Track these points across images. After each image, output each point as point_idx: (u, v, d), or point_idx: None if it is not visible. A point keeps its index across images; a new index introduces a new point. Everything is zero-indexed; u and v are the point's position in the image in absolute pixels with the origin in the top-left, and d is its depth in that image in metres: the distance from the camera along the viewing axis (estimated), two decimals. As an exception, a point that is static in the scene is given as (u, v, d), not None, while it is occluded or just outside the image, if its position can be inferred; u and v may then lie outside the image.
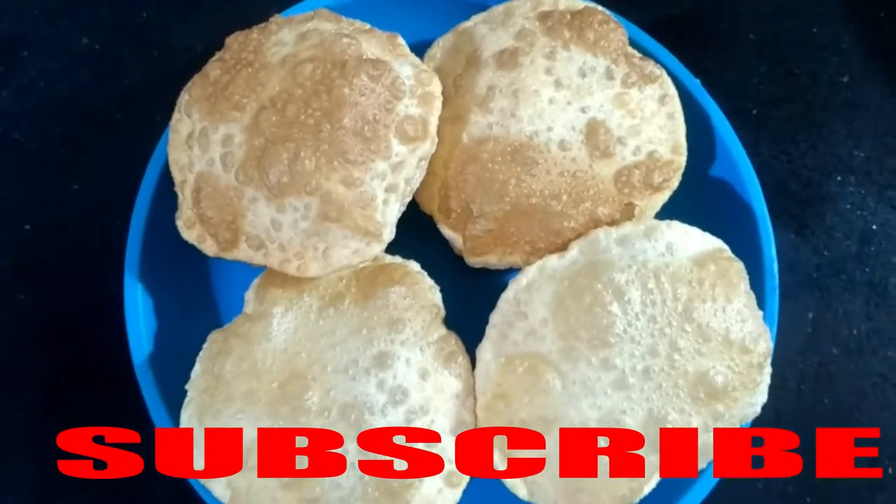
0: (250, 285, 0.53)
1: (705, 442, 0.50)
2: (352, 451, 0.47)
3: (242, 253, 0.51)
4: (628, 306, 0.49)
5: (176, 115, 0.54)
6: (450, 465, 0.49)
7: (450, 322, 0.53)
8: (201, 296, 0.58)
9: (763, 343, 0.50)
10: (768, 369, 0.52)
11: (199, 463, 0.48)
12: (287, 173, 0.48)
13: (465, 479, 0.50)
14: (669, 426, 0.48)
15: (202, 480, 0.49)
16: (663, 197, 0.55)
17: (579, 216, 0.52)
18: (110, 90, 0.66)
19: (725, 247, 0.52)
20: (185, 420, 0.49)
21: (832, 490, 0.59)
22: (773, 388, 0.57)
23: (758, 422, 0.55)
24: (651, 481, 0.51)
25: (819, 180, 0.64)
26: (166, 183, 0.55)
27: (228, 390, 0.48)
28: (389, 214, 0.50)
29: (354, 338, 0.49)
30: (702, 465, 0.51)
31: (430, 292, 0.52)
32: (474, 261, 0.55)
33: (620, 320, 0.48)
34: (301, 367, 0.48)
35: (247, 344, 0.49)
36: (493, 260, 0.54)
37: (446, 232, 0.55)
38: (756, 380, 0.50)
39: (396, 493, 0.47)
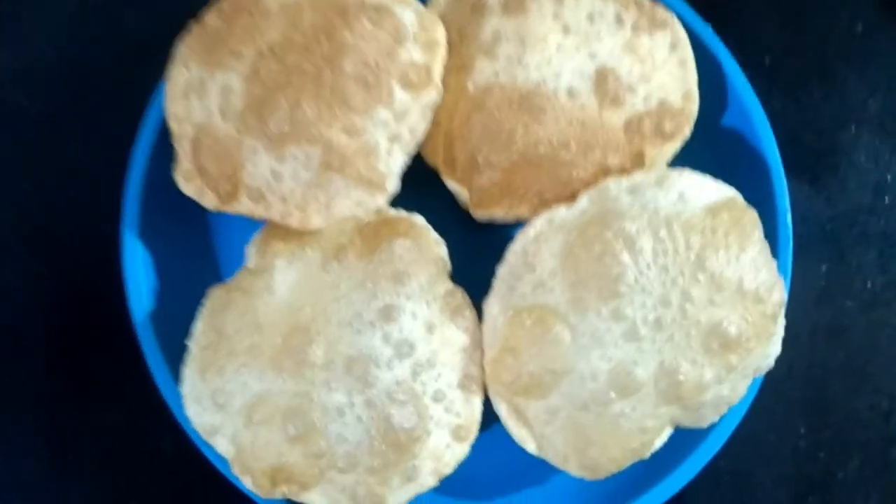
0: (251, 239, 0.52)
1: (718, 394, 0.49)
2: (358, 405, 0.46)
3: (243, 206, 0.50)
4: (639, 256, 0.47)
5: (172, 67, 0.52)
6: (457, 418, 0.49)
7: (456, 277, 0.52)
8: (202, 251, 0.57)
9: (777, 293, 0.49)
10: (782, 321, 0.50)
11: (201, 419, 0.48)
12: (287, 122, 0.46)
13: (474, 432, 0.49)
14: (681, 378, 0.47)
15: (205, 436, 0.48)
16: (675, 146, 0.53)
17: (588, 165, 0.51)
18: (109, 47, 0.65)
19: (739, 196, 0.51)
20: (187, 376, 0.48)
21: (844, 444, 0.58)
22: (786, 342, 0.56)
23: (769, 375, 0.54)
24: (663, 434, 0.50)
25: (832, 131, 0.63)
26: (164, 137, 0.53)
27: (231, 345, 0.47)
28: (394, 165, 0.49)
29: (359, 291, 0.48)
30: (714, 417, 0.50)
31: (436, 246, 0.51)
32: (480, 214, 0.54)
33: (631, 270, 0.47)
34: (304, 321, 0.47)
35: (249, 298, 0.48)
36: (499, 213, 0.53)
37: (451, 185, 0.54)
38: (770, 330, 0.49)
39: (403, 447, 0.46)
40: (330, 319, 0.47)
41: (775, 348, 0.50)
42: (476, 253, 0.52)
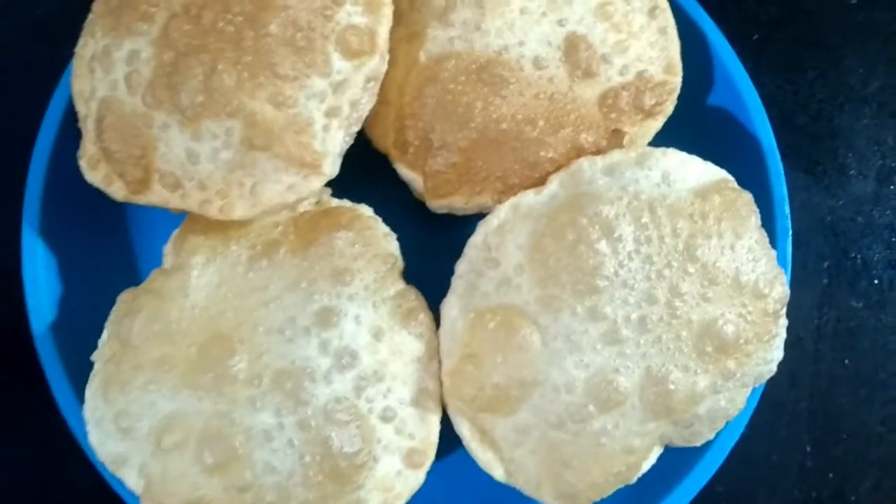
0: (170, 238, 0.44)
1: (714, 406, 0.42)
2: (289, 426, 0.39)
3: (156, 195, 0.42)
4: (619, 244, 0.40)
5: (81, 40, 0.45)
6: (410, 441, 0.41)
7: (410, 279, 0.45)
8: (116, 254, 0.50)
9: (779, 287, 0.42)
10: (784, 320, 0.44)
11: (105, 447, 0.40)
12: (202, 91, 0.39)
13: (430, 457, 0.42)
14: (672, 387, 0.40)
15: (112, 468, 0.40)
16: (656, 124, 0.47)
17: (559, 144, 0.44)
18: (20, 21, 0.57)
19: (730, 178, 0.44)
20: (90, 396, 0.41)
21: (856, 463, 0.52)
22: (788, 348, 0.49)
23: (770, 385, 0.47)
24: (650, 455, 0.43)
25: (829, 112, 0.57)
26: (73, 121, 0.46)
27: (137, 357, 0.40)
28: (331, 143, 0.42)
29: (292, 293, 0.41)
30: (709, 434, 0.43)
31: (385, 240, 0.44)
32: (437, 204, 0.47)
33: (610, 261, 0.40)
34: (226, 328, 0.40)
35: (159, 301, 0.41)
36: (458, 202, 0.46)
37: (404, 172, 0.47)
38: (771, 331, 0.42)
39: (345, 476, 0.39)
40: (257, 327, 0.40)
41: (777, 352, 0.44)
42: (433, 251, 0.45)
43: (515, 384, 0.41)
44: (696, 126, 0.50)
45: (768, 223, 0.47)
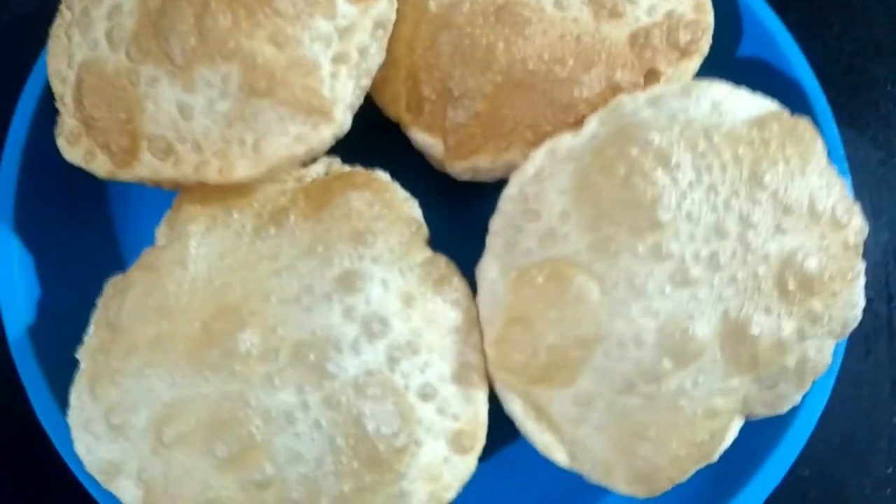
0: (162, 219, 0.39)
1: (802, 356, 0.36)
2: (314, 405, 0.32)
3: (145, 166, 0.37)
4: (677, 173, 0.36)
5: (57, 20, 0.41)
6: (456, 422, 0.35)
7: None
8: (101, 251, 0.44)
9: (857, 217, 0.38)
10: (863, 262, 0.39)
11: (94, 456, 0.33)
12: (194, 34, 0.35)
13: (480, 440, 0.36)
14: (756, 332, 0.35)
15: (104, 482, 0.34)
16: (693, 64, 0.43)
17: (593, 83, 0.40)
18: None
19: (783, 109, 0.40)
20: (75, 397, 0.34)
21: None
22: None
23: (848, 352, 0.42)
24: (732, 426, 0.37)
25: (861, 65, 0.53)
26: (48, 116, 0.41)
27: (129, 339, 0.34)
28: (341, 91, 0.37)
29: (307, 259, 0.35)
30: (795, 396, 0.37)
31: (406, 204, 0.39)
32: (460, 167, 0.42)
33: (670, 191, 0.35)
34: (233, 301, 0.34)
35: (153, 275, 0.35)
36: (484, 162, 0.41)
37: (419, 137, 0.42)
38: (854, 267, 0.37)
39: (384, 463, 0.32)
40: (268, 297, 0.34)
41: (861, 296, 0.38)
42: (456, 228, 0.40)
43: (574, 343, 0.35)
44: (731, 77, 0.46)
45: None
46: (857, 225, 0.37)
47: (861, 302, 0.38)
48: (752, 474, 0.39)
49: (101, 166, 0.38)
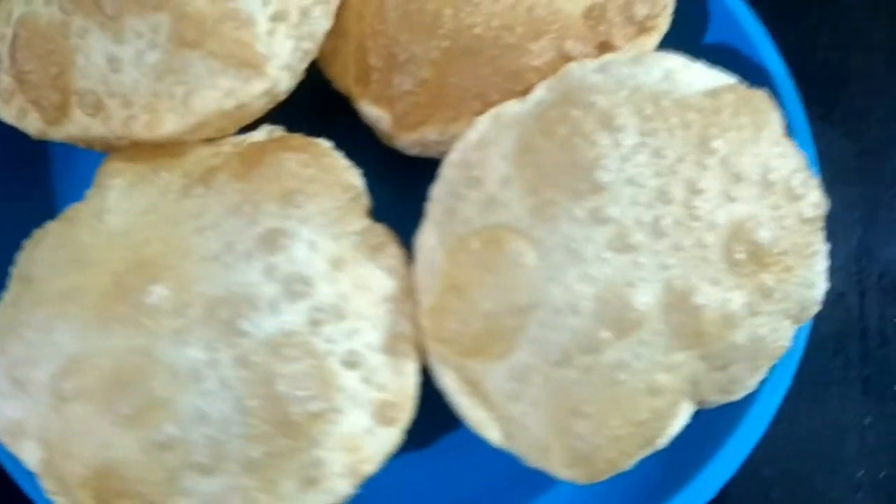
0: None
1: (753, 334, 0.34)
2: (223, 363, 0.31)
3: (75, 123, 0.36)
4: (620, 135, 0.34)
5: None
6: (382, 393, 0.33)
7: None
8: (42, 215, 0.42)
9: (815, 191, 0.36)
10: (824, 244, 0.37)
11: (-2, 415, 0.32)
12: (125, -17, 0.34)
13: (407, 412, 0.34)
14: (700, 301, 0.33)
15: (9, 445, 0.32)
16: (651, 41, 0.41)
17: (542, 52, 0.39)
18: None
19: (742, 83, 0.38)
20: (-18, 356, 0.33)
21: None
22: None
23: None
24: (680, 412, 0.35)
25: (838, 60, 0.52)
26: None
27: (39, 291, 0.32)
28: (278, 49, 0.36)
29: (232, 218, 0.34)
30: (750, 381, 0.35)
31: (347, 171, 0.37)
32: (407, 139, 0.40)
33: (612, 153, 0.34)
34: (150, 256, 0.33)
35: (69, 226, 0.34)
36: (432, 134, 0.40)
37: (368, 110, 0.41)
38: (811, 243, 0.35)
39: (298, 428, 0.30)
40: (188, 254, 0.33)
41: (821, 278, 0.36)
42: (408, 205, 0.38)
43: (509, 310, 0.33)
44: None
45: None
46: (814, 198, 0.35)
47: (821, 284, 0.36)
48: (703, 466, 0.36)
49: (32, 124, 0.37)
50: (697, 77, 0.37)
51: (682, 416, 0.35)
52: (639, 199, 0.33)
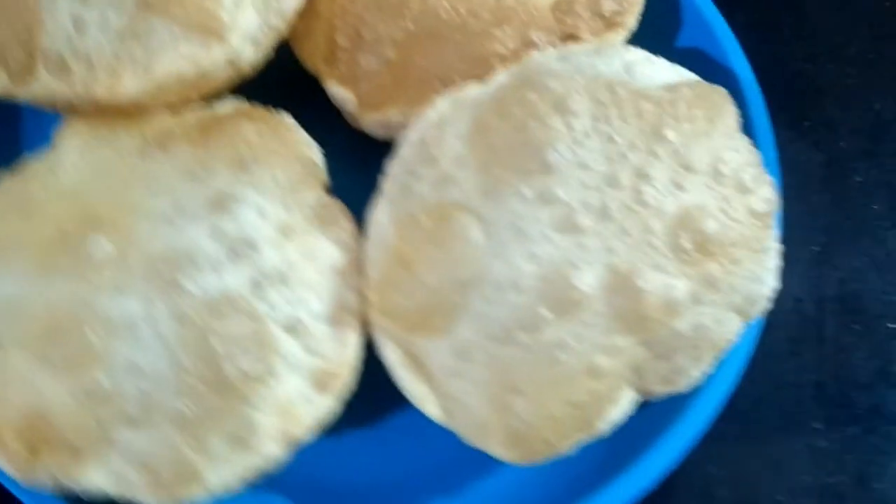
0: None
1: (697, 323, 0.34)
2: (161, 317, 0.31)
3: (40, 84, 0.36)
4: (574, 120, 0.34)
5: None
6: (321, 361, 0.33)
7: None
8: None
9: (767, 187, 0.36)
10: (776, 242, 0.37)
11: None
12: (93, -56, 0.34)
13: (344, 382, 0.34)
14: (642, 286, 0.33)
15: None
16: (618, 38, 0.42)
17: (507, 39, 0.39)
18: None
19: (703, 82, 0.39)
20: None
21: (880, 445, 0.43)
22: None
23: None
24: (621, 399, 0.35)
25: (812, 71, 0.52)
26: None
27: (-16, 239, 0.32)
28: (242, 20, 0.36)
29: (185, 181, 0.34)
30: (694, 372, 0.35)
31: (306, 146, 0.38)
32: (371, 119, 0.41)
33: (563, 137, 0.34)
34: (98, 211, 0.33)
35: (20, 179, 0.34)
36: (396, 116, 0.40)
37: (335, 91, 0.42)
38: (761, 239, 0.35)
39: (232, 388, 0.30)
40: (136, 212, 0.33)
41: (770, 275, 0.36)
42: (369, 188, 0.38)
43: (453, 285, 0.33)
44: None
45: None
46: (765, 193, 0.36)
47: (770, 280, 0.36)
48: (642, 455, 0.36)
49: (-1, 82, 0.38)
50: (658, 72, 0.38)
51: (623, 404, 0.35)
52: (587, 183, 0.33)
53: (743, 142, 0.36)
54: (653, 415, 0.37)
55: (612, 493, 0.35)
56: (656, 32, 0.44)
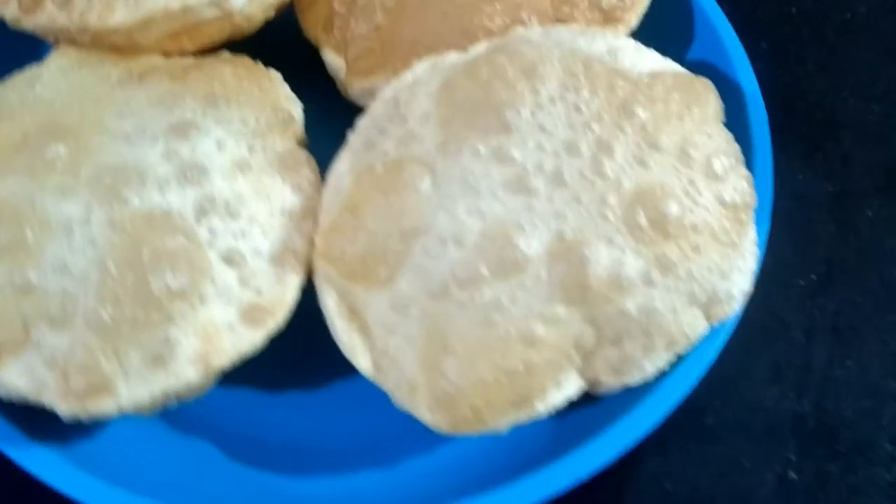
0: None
1: (647, 306, 0.32)
2: (96, 223, 0.31)
3: (45, 14, 0.38)
4: (540, 85, 0.34)
5: None
6: (255, 296, 0.33)
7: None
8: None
9: (741, 181, 0.34)
10: (753, 245, 0.35)
11: None
12: None
13: (276, 321, 0.33)
14: (588, 255, 0.31)
15: None
16: (616, 34, 0.41)
17: (496, 15, 0.39)
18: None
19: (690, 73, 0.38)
20: None
21: (856, 486, 0.39)
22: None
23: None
24: (563, 380, 0.33)
25: (833, 104, 0.50)
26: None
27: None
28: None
29: (153, 108, 0.35)
30: (648, 363, 0.33)
31: (284, 98, 0.38)
32: (359, 87, 0.41)
33: (527, 99, 0.34)
34: (64, 123, 0.34)
35: (0, 87, 0.35)
36: (381, 84, 0.40)
37: (329, 58, 0.42)
38: (729, 232, 0.34)
39: (154, 301, 0.30)
40: (100, 129, 0.34)
41: (740, 276, 0.34)
42: None
43: (396, 233, 0.33)
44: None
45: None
46: (738, 185, 0.34)
47: (740, 281, 0.34)
48: (583, 444, 0.34)
49: (10, 10, 0.39)
50: (645, 60, 0.37)
51: (567, 388, 0.33)
52: (545, 147, 0.33)
53: (720, 131, 0.35)
54: (599, 410, 0.35)
55: (535, 484, 0.33)
56: (663, 38, 0.43)
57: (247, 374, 0.34)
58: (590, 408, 0.36)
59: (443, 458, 0.37)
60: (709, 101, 0.35)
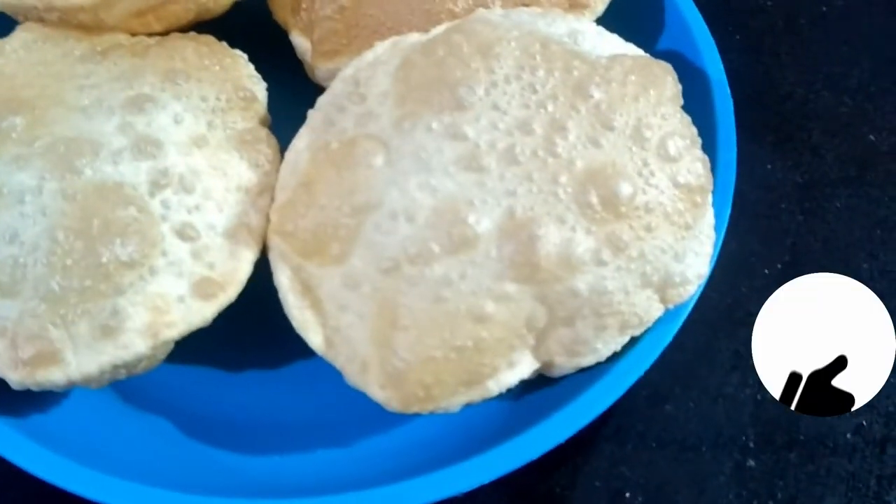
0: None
1: (598, 288, 0.32)
2: (48, 192, 0.31)
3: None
4: (496, 63, 0.34)
5: None
6: (208, 270, 0.33)
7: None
8: None
9: (697, 164, 0.35)
10: (710, 230, 0.35)
11: None
12: None
13: (228, 295, 0.33)
14: (539, 233, 0.32)
15: None
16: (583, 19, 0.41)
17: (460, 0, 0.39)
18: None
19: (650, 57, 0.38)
20: None
21: (815, 475, 0.39)
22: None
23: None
24: (516, 359, 0.33)
25: (804, 95, 0.50)
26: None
27: None
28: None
29: (113, 82, 0.35)
30: (601, 345, 0.33)
31: (248, 78, 0.38)
32: (325, 69, 0.41)
33: (481, 77, 0.34)
34: (23, 96, 0.34)
35: (-40, 59, 0.35)
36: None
37: (297, 41, 0.42)
38: (686, 216, 0.34)
39: (103, 271, 0.30)
40: (58, 102, 0.34)
41: (697, 259, 0.34)
42: None
43: (348, 208, 0.33)
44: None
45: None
46: (693, 167, 0.34)
47: (696, 264, 0.34)
48: (532, 424, 0.34)
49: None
50: (606, 44, 0.37)
51: (520, 367, 0.33)
52: (498, 125, 0.33)
53: (675, 113, 0.35)
54: (554, 392, 0.35)
55: (484, 463, 0.33)
56: (630, 25, 0.43)
57: (200, 350, 0.34)
58: (545, 390, 0.36)
59: (398, 437, 0.37)
60: (666, 83, 0.35)
